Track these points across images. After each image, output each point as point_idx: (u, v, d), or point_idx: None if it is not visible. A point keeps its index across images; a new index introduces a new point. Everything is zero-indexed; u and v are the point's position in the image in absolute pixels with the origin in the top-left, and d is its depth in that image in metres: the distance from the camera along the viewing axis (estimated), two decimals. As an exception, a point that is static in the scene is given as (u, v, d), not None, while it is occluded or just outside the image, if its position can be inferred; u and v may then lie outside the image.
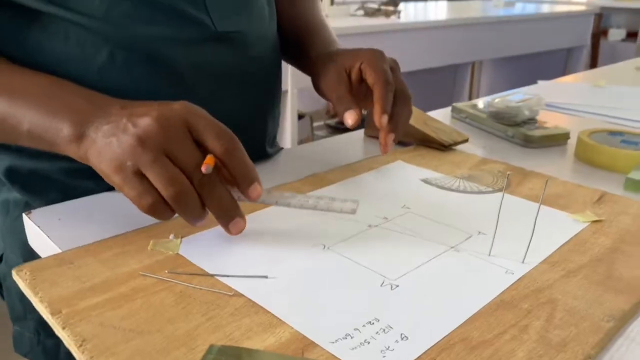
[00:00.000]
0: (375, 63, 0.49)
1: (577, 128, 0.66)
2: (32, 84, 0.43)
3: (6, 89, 0.42)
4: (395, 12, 2.39)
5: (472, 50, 2.59)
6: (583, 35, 3.15)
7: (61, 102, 0.41)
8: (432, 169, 0.56)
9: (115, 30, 0.46)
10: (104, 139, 0.37)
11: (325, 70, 0.53)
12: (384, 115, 0.46)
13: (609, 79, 1.09)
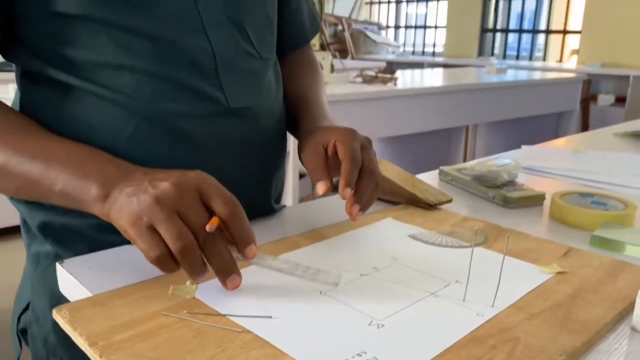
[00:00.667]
0: (346, 141, 0.55)
1: (553, 190, 0.73)
2: (68, 151, 0.49)
3: (44, 153, 0.49)
4: (392, 79, 2.53)
5: (466, 114, 2.71)
6: (573, 101, 3.29)
7: (92, 167, 0.47)
8: (419, 225, 0.62)
9: (141, 106, 0.53)
10: (125, 198, 0.43)
11: (306, 144, 0.60)
12: (347, 188, 0.52)
13: (589, 144, 1.18)
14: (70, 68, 0.53)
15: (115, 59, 0.52)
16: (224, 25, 0.57)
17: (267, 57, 0.63)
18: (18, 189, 0.50)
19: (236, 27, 0.58)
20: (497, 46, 5.67)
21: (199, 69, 0.55)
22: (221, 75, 0.56)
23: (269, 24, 0.65)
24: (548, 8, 5.23)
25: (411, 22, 6.65)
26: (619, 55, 4.58)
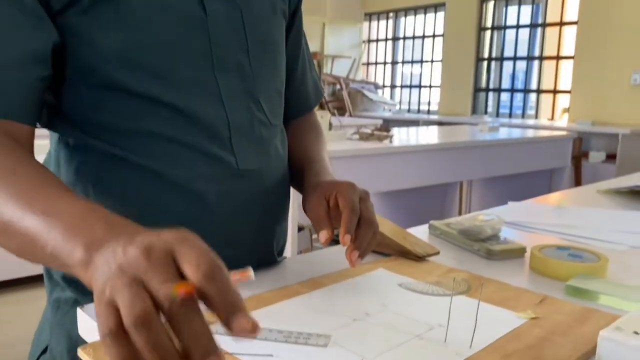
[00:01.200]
0: (346, 193, 0.62)
1: (534, 243, 0.79)
2: (67, 208, 0.45)
3: (46, 209, 0.45)
4: (388, 136, 2.63)
5: (459, 171, 2.80)
6: (564, 158, 3.39)
7: (83, 227, 0.41)
8: (408, 275, 0.68)
9: (159, 168, 0.60)
10: (100, 266, 0.36)
11: (310, 196, 0.66)
12: (347, 236, 0.58)
13: (573, 201, 1.25)
14: (95, 132, 0.60)
15: (138, 125, 0.59)
16: (240, 96, 0.65)
17: (276, 124, 0.71)
18: (20, 248, 0.47)
19: (251, 98, 0.66)
20: (490, 104, 5.86)
21: (214, 135, 0.62)
22: (234, 141, 0.64)
23: (279, 94, 0.73)
24: (538, 69, 5.44)
25: (406, 82, 6.88)
26: (608, 114, 4.74)
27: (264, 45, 0.68)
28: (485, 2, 5.74)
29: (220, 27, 0.63)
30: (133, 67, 0.58)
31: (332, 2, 6.72)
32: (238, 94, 0.65)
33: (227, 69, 0.63)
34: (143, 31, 0.57)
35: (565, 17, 5.17)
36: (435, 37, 6.37)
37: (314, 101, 0.86)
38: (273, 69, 0.71)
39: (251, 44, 0.66)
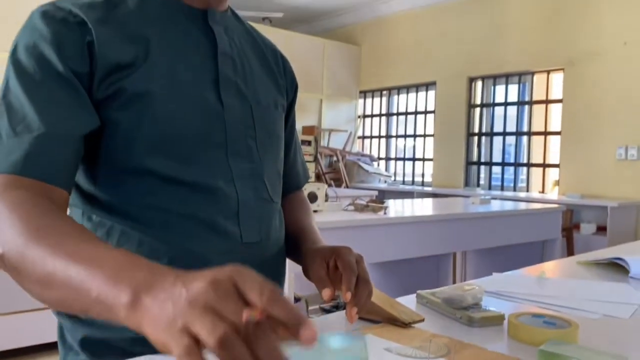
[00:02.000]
0: (345, 257, 0.72)
1: (513, 312, 0.86)
2: (107, 256, 0.48)
3: (87, 259, 0.49)
4: (382, 208, 2.72)
5: (452, 242, 2.87)
6: (554, 230, 3.47)
7: (126, 272, 0.45)
8: (394, 340, 0.74)
9: (172, 241, 0.68)
10: (158, 306, 0.40)
11: (311, 260, 0.75)
12: (348, 293, 0.67)
13: (554, 272, 1.32)
14: (116, 209, 0.69)
15: (157, 202, 0.68)
16: (248, 177, 0.74)
17: (276, 202, 0.81)
18: (62, 298, 0.50)
19: (257, 179, 0.76)
20: (483, 177, 6.02)
21: (224, 211, 0.71)
22: (240, 216, 0.73)
23: (279, 175, 0.84)
24: (527, 143, 5.65)
25: (401, 155, 7.09)
26: (596, 187, 4.87)
27: (268, 133, 0.79)
28: (474, 81, 6.04)
29: (234, 118, 0.74)
30: (159, 154, 0.67)
31: (329, 81, 7.05)
32: (246, 175, 0.74)
33: (239, 153, 0.74)
34: (171, 125, 0.68)
35: (550, 95, 5.43)
36: (427, 113, 6.64)
37: (303, 180, 0.98)
38: (275, 154, 0.81)
39: (258, 132, 0.77)
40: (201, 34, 0.75)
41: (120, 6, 0.71)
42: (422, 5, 6.42)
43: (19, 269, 0.53)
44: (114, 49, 0.67)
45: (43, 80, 0.63)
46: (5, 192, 0.58)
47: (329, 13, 7.37)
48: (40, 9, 0.67)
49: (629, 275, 1.25)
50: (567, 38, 5.10)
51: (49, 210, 0.58)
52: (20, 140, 0.61)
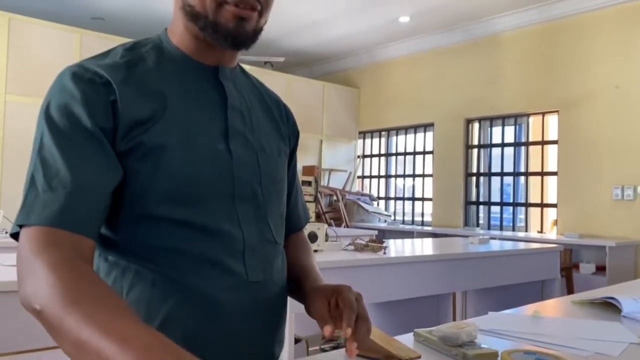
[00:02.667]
0: (345, 295, 0.76)
1: (506, 349, 0.90)
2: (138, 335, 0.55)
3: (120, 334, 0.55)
4: (381, 248, 2.76)
5: (451, 282, 2.89)
6: (553, 270, 3.49)
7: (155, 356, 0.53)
8: (392, 376, 0.78)
9: (185, 279, 0.73)
10: None
11: (313, 298, 0.80)
12: (348, 329, 0.71)
13: (549, 311, 1.35)
14: (131, 251, 0.74)
15: (170, 244, 0.73)
16: (253, 220, 0.80)
17: (279, 243, 0.86)
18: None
19: (261, 221, 0.81)
20: (482, 217, 6.06)
21: (231, 251, 0.76)
22: (246, 257, 0.78)
23: (282, 218, 0.90)
24: (525, 184, 5.72)
25: (400, 194, 7.15)
26: (594, 227, 4.91)
27: (272, 179, 0.85)
28: (471, 123, 6.17)
29: (241, 166, 0.80)
30: (172, 201, 0.73)
31: (328, 122, 7.19)
32: (252, 218, 0.80)
33: (245, 198, 0.79)
34: (184, 174, 0.74)
35: (546, 137, 5.54)
36: (426, 153, 6.74)
37: (303, 222, 1.03)
38: (278, 197, 0.87)
39: (263, 178, 0.83)
40: (212, 89, 0.81)
41: (140, 65, 0.78)
42: (419, 50, 6.62)
43: (57, 330, 0.59)
44: (135, 107, 0.73)
45: (74, 138, 0.69)
46: (45, 251, 0.64)
47: (328, 57, 7.59)
48: (70, 70, 0.73)
49: (621, 314, 1.29)
50: (561, 81, 5.24)
51: (86, 275, 0.64)
52: (55, 194, 0.67)
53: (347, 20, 5.98)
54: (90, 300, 0.60)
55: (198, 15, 0.77)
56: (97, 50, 0.86)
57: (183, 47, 0.82)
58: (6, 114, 4.73)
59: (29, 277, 0.63)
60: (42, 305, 0.61)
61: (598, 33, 5.00)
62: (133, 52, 0.80)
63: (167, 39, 0.83)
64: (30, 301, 0.62)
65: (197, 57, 0.82)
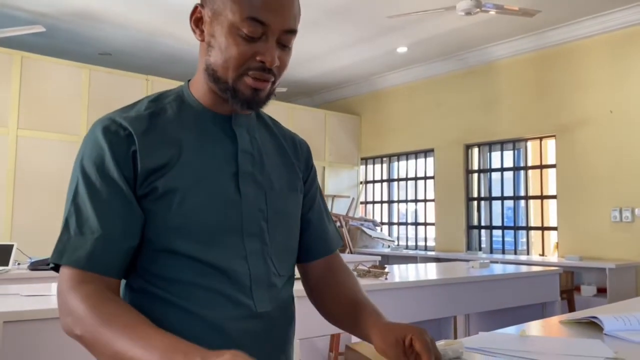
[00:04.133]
0: (422, 337, 0.83)
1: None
2: (162, 340, 0.70)
3: (149, 343, 0.70)
4: (384, 273, 2.84)
5: (452, 306, 2.96)
6: (553, 292, 3.56)
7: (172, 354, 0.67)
8: (384, 388, 0.87)
9: (198, 310, 0.82)
10: None
11: (384, 336, 0.87)
12: None
13: (537, 331, 1.44)
14: (151, 281, 0.84)
15: (183, 276, 0.83)
16: (259, 255, 0.89)
17: (283, 275, 0.94)
18: None
19: (267, 256, 0.90)
20: (484, 240, 6.13)
21: (239, 285, 0.86)
22: (253, 289, 0.87)
23: (288, 250, 0.97)
24: (525, 207, 5.80)
25: (403, 219, 7.23)
26: (594, 249, 4.98)
27: (279, 214, 0.94)
28: (470, 148, 6.30)
29: (250, 204, 0.89)
30: (185, 238, 0.83)
31: (331, 149, 7.34)
32: (258, 253, 0.89)
33: (252, 234, 0.89)
34: (195, 214, 0.84)
35: (545, 161, 5.65)
36: (427, 178, 6.85)
37: (335, 244, 1.08)
38: (286, 231, 0.96)
39: (269, 214, 0.92)
40: (225, 136, 0.92)
41: (162, 115, 0.89)
42: (417, 79, 6.80)
43: (94, 347, 0.74)
44: (152, 156, 0.84)
45: (103, 190, 0.81)
46: (78, 286, 0.78)
47: (329, 87, 7.78)
48: (101, 124, 0.85)
49: (604, 332, 1.37)
50: (557, 107, 5.38)
51: (111, 300, 0.78)
52: (84, 239, 0.79)
53: (347, 52, 6.18)
54: (118, 320, 0.74)
55: (219, 79, 0.87)
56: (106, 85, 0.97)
57: (202, 100, 0.92)
58: (18, 148, 4.89)
59: (67, 309, 0.78)
60: (82, 330, 0.75)
61: (591, 59, 5.16)
62: (157, 102, 0.91)
63: (189, 92, 0.94)
64: (72, 329, 0.77)
65: (214, 108, 0.92)
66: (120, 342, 0.71)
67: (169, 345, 0.69)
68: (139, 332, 0.72)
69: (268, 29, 0.84)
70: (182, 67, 6.54)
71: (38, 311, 1.69)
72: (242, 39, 0.84)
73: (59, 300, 0.79)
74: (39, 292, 2.03)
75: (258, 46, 0.85)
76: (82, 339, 0.75)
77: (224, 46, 0.85)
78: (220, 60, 0.86)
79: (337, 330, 2.74)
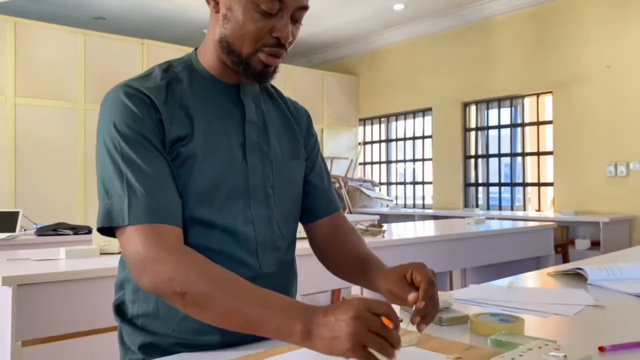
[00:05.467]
0: (422, 271, 0.86)
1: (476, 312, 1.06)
2: (278, 301, 0.75)
3: (264, 302, 0.74)
4: (380, 232, 2.93)
5: (448, 261, 3.06)
6: (547, 246, 3.65)
7: (296, 313, 0.72)
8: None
9: None
10: (330, 333, 0.67)
11: (388, 277, 0.91)
12: (422, 301, 0.83)
13: (527, 282, 1.52)
14: None
15: (196, 241, 0.89)
16: (265, 220, 0.95)
17: (288, 238, 1.01)
18: (245, 325, 0.74)
19: (272, 221, 0.97)
20: (481, 198, 6.22)
21: (247, 248, 0.92)
22: (259, 252, 0.94)
23: (295, 216, 1.04)
24: (522, 164, 5.86)
25: (402, 179, 7.30)
26: (589, 204, 5.06)
27: (284, 182, 1.00)
28: (468, 106, 6.30)
29: (256, 172, 0.95)
30: (201, 203, 0.89)
31: (329, 111, 7.33)
32: (264, 219, 0.95)
33: (258, 201, 0.95)
34: (209, 179, 0.89)
35: (542, 117, 5.67)
36: (425, 138, 6.88)
37: (338, 204, 1.14)
38: (290, 198, 1.02)
39: (275, 182, 0.98)
40: (234, 106, 0.96)
41: (177, 85, 0.92)
42: (414, 37, 6.73)
43: (202, 304, 0.76)
44: (174, 125, 0.88)
45: (147, 148, 0.84)
46: (160, 241, 0.80)
47: (326, 46, 7.70)
48: (122, 89, 0.87)
49: (587, 283, 1.45)
50: (554, 63, 5.36)
51: (212, 264, 0.81)
52: (146, 196, 0.81)
53: (344, 10, 6.10)
54: (228, 281, 0.78)
55: (233, 51, 0.90)
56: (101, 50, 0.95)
57: (211, 70, 0.96)
58: (17, 116, 4.90)
59: (157, 266, 0.78)
60: (187, 287, 0.77)
61: (588, 14, 5.10)
62: (169, 72, 0.94)
63: (197, 60, 0.97)
64: (173, 286, 0.77)
65: (223, 77, 0.96)
66: (237, 301, 0.75)
67: (291, 304, 0.74)
68: (255, 291, 0.76)
69: (284, 5, 0.87)
70: (178, 30, 6.47)
71: (49, 274, 1.76)
72: (260, 15, 0.87)
73: (136, 258, 0.80)
74: (49, 256, 2.10)
75: (274, 22, 0.88)
76: (187, 297, 0.76)
77: (242, 20, 0.87)
78: (238, 34, 0.89)
79: (337, 285, 2.85)
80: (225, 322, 0.76)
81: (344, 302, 0.70)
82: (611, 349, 0.89)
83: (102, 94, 3.00)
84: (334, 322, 0.68)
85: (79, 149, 5.21)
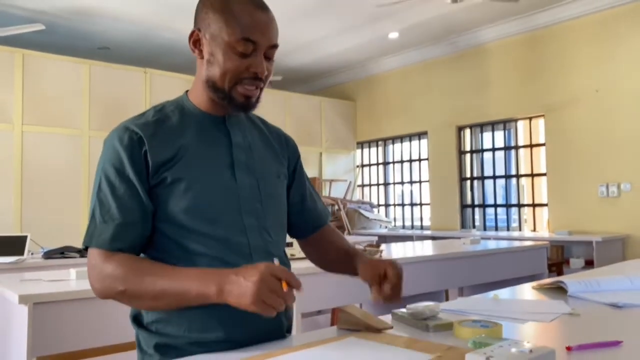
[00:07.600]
0: (393, 267, 1.15)
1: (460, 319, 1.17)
2: (194, 273, 0.94)
3: (182, 277, 0.93)
4: (378, 252, 3.03)
5: (443, 280, 3.16)
6: (540, 265, 3.75)
7: (210, 278, 0.92)
8: (371, 340, 1.05)
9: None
10: (238, 290, 0.88)
11: (367, 268, 1.17)
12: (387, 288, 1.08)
13: (512, 294, 1.62)
14: (168, 253, 1.02)
15: (192, 248, 1.01)
16: (256, 229, 1.08)
17: (280, 245, 1.14)
18: (171, 302, 0.94)
19: (263, 229, 1.09)
20: (478, 219, 6.32)
21: (241, 254, 1.04)
22: (253, 256, 1.06)
23: (283, 226, 1.19)
24: (516, 185, 5.99)
25: (399, 200, 7.42)
26: (583, 224, 5.17)
27: (271, 197, 1.13)
28: (462, 130, 6.46)
29: (245, 189, 1.08)
30: (194, 217, 1.01)
31: (327, 135, 7.49)
32: (255, 227, 1.08)
33: (249, 212, 1.07)
34: (200, 197, 1.02)
35: (535, 140, 5.82)
36: (421, 160, 7.02)
37: (325, 218, 1.34)
38: (277, 210, 1.16)
39: (263, 197, 1.11)
40: (221, 134, 1.10)
41: (166, 121, 1.07)
42: (409, 63, 6.93)
43: (139, 294, 0.94)
44: (160, 154, 1.02)
45: (121, 187, 0.99)
46: (109, 258, 0.97)
47: (323, 73, 7.91)
48: (116, 133, 1.03)
49: (568, 295, 1.56)
50: (545, 87, 5.53)
51: (142, 259, 1.00)
52: (107, 225, 0.98)
53: (340, 39, 6.30)
54: (153, 268, 0.97)
55: (218, 89, 1.06)
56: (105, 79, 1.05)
57: (201, 106, 1.11)
58: (24, 143, 5.04)
59: (104, 275, 0.97)
60: (124, 285, 0.94)
61: (578, 41, 5.30)
62: (161, 112, 1.10)
63: (188, 100, 1.13)
64: (115, 287, 0.95)
65: (211, 112, 1.11)
66: (160, 282, 0.93)
67: (202, 273, 0.93)
68: (174, 272, 0.94)
69: (257, 46, 1.04)
70: (180, 59, 6.67)
71: (63, 293, 1.87)
72: (237, 56, 1.03)
73: (93, 272, 0.98)
74: (60, 277, 2.21)
75: (250, 61, 1.04)
76: (125, 293, 0.95)
77: (222, 62, 1.04)
78: (219, 74, 1.05)
79: (336, 303, 2.94)
80: (160, 304, 0.95)
81: (253, 266, 0.90)
82: (577, 348, 0.99)
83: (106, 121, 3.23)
84: (242, 281, 0.87)
85: (84, 175, 5.34)
